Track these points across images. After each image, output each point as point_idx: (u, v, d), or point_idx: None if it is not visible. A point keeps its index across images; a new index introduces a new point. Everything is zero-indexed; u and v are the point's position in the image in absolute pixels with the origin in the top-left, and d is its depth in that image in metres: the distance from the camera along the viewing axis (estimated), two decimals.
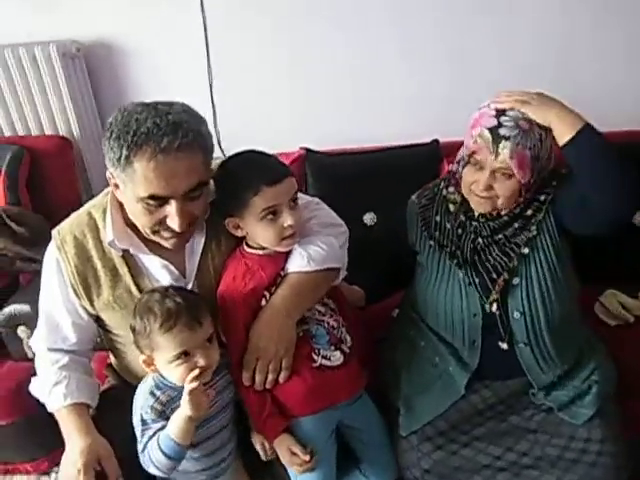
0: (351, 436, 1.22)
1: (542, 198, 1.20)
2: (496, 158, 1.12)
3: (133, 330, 1.06)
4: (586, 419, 1.14)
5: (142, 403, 1.06)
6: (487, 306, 1.21)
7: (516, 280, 1.20)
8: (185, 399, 0.99)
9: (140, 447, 1.06)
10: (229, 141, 2.05)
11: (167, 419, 1.03)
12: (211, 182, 1.12)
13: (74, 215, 1.20)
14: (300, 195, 1.18)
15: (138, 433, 1.06)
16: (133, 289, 1.14)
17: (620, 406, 1.23)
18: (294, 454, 1.11)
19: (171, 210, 1.03)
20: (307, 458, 1.11)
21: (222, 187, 1.12)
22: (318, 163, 1.84)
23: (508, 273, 1.20)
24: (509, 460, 1.14)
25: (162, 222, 1.05)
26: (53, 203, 1.88)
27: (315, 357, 1.13)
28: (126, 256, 1.14)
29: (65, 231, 1.16)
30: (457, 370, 1.23)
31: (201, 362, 1.02)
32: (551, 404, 1.18)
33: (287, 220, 1.09)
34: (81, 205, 1.97)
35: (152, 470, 1.05)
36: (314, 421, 1.12)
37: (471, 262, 1.23)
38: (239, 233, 1.14)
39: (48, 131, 2.00)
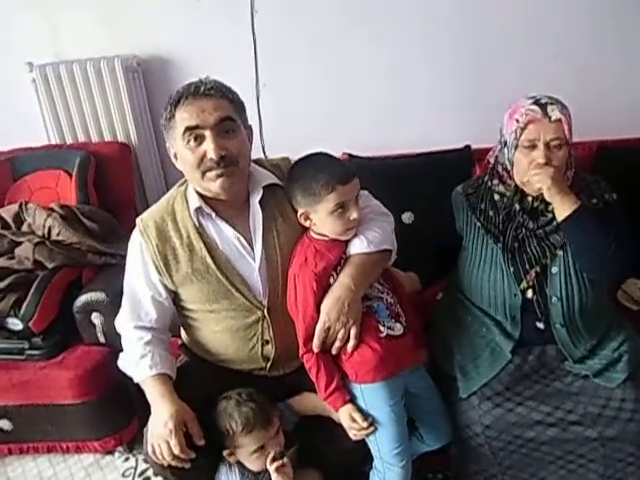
0: (413, 404, 1.34)
1: None
2: (550, 120, 1.29)
3: (216, 429, 1.27)
4: (619, 382, 1.29)
5: None
6: (521, 291, 1.37)
7: (555, 269, 1.36)
8: (275, 478, 1.26)
9: None
10: (273, 149, 2.23)
11: None
12: (244, 132, 1.28)
13: (153, 206, 1.39)
14: None
15: None
16: (209, 261, 1.30)
17: None
18: (354, 420, 1.25)
19: (207, 142, 1.22)
20: (365, 425, 1.25)
21: (297, 184, 1.29)
22: (360, 166, 1.98)
23: (540, 268, 1.36)
24: (557, 417, 1.28)
25: (204, 159, 1.22)
26: (114, 202, 2.05)
27: (381, 328, 1.27)
28: (201, 232, 1.31)
29: (147, 218, 1.34)
30: (502, 339, 1.38)
31: (273, 451, 1.27)
32: (587, 372, 1.33)
33: (353, 214, 1.27)
34: (135, 204, 2.15)
35: None
36: (385, 386, 1.26)
37: (511, 248, 1.39)
38: (307, 224, 1.31)
39: (107, 137, 2.17)
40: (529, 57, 2.06)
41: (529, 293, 1.37)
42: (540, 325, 1.38)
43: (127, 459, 1.85)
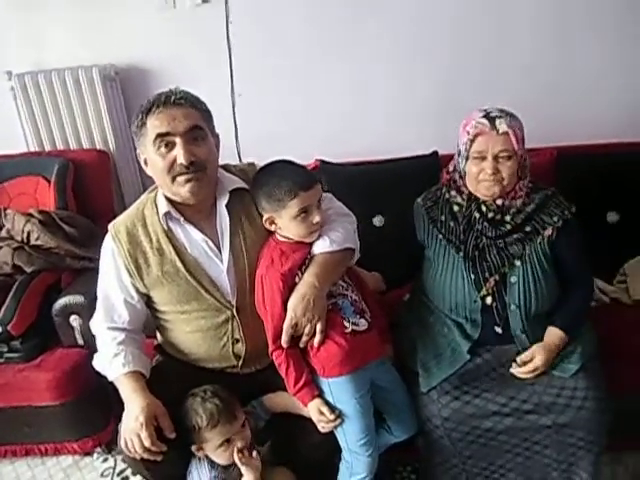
0: (380, 397, 1.41)
1: (546, 233, 1.44)
2: (498, 133, 1.37)
3: (185, 425, 1.32)
4: (573, 372, 1.37)
5: (208, 475, 1.34)
6: (481, 298, 1.44)
7: (514, 279, 1.44)
8: (242, 470, 1.32)
9: None
10: (248, 155, 2.29)
11: None
12: (212, 140, 1.35)
13: (125, 212, 1.45)
14: None
15: None
16: (178, 264, 1.36)
17: (601, 366, 1.45)
18: (322, 414, 1.32)
19: (177, 148, 1.28)
20: (332, 417, 1.31)
21: (261, 191, 1.35)
22: (331, 173, 2.05)
23: (499, 276, 1.44)
24: (513, 407, 1.36)
25: (174, 165, 1.29)
26: (93, 207, 2.10)
27: (346, 324, 1.33)
28: (170, 236, 1.37)
29: (119, 224, 1.40)
30: (461, 339, 1.46)
31: (239, 444, 1.32)
32: None
33: (316, 218, 1.34)
34: (114, 209, 2.20)
35: None
36: (351, 380, 1.32)
37: (471, 257, 1.46)
38: (272, 228, 1.38)
39: (85, 145, 2.22)
40: (495, 67, 2.15)
41: (488, 300, 1.45)
42: (498, 330, 1.45)
43: (106, 459, 1.88)
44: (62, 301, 1.77)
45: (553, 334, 1.42)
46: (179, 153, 1.28)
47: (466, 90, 2.14)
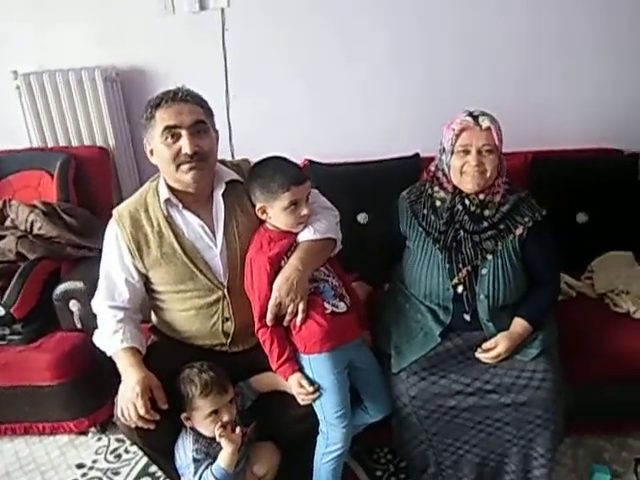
0: (358, 378, 1.52)
1: (517, 232, 1.56)
2: (481, 128, 1.49)
3: (178, 394, 1.43)
4: (533, 357, 1.49)
5: (191, 447, 1.45)
6: (453, 287, 1.56)
7: (484, 271, 1.56)
8: (222, 442, 1.41)
9: (196, 478, 1.43)
10: (241, 154, 2.40)
11: (210, 456, 1.45)
12: (213, 134, 1.48)
13: (128, 199, 1.58)
14: None
15: (191, 469, 1.44)
16: (176, 246, 1.49)
17: (560, 355, 1.57)
18: (302, 387, 1.43)
19: (183, 139, 1.41)
20: (311, 389, 1.43)
21: (256, 182, 1.48)
22: (319, 172, 2.17)
23: (472, 268, 1.56)
24: (475, 387, 1.47)
25: (179, 154, 1.41)
26: (93, 200, 2.21)
27: (327, 306, 1.45)
28: (170, 221, 1.50)
29: (122, 209, 1.53)
30: (434, 324, 1.57)
31: (225, 418, 1.43)
32: None
33: (304, 210, 1.47)
34: (112, 202, 2.32)
35: None
36: (330, 357, 1.44)
37: (448, 248, 1.58)
38: (264, 217, 1.50)
39: (86, 142, 2.33)
40: (472, 77, 2.27)
41: (459, 289, 1.56)
42: (467, 317, 1.57)
43: (100, 439, 1.99)
44: (63, 286, 1.87)
45: (518, 324, 1.54)
46: (184, 144, 1.41)
47: (445, 98, 2.25)
